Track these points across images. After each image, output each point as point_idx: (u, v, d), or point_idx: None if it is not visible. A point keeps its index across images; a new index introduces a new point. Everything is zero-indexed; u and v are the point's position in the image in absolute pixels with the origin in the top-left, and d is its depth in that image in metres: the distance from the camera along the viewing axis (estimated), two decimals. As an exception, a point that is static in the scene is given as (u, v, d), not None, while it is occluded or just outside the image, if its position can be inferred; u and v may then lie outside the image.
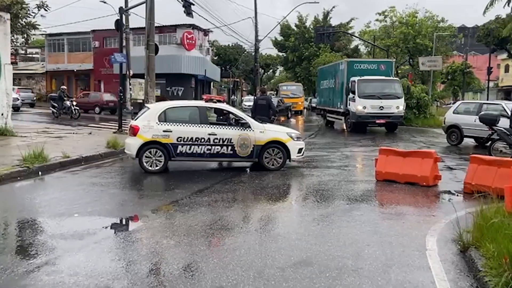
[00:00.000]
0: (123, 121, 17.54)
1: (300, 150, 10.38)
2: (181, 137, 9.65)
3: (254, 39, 34.57)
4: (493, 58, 64.98)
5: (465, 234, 4.94)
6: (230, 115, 10.65)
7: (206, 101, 10.36)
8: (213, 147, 9.81)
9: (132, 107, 19.75)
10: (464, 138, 15.29)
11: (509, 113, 13.57)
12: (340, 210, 6.63)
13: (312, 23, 53.33)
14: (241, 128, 10.00)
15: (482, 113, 12.61)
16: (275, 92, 44.08)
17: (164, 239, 5.26)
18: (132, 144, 9.71)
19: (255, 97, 14.32)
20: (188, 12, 21.51)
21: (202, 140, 9.74)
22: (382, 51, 37.93)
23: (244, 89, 70.95)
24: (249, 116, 10.61)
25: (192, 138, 9.69)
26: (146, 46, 17.61)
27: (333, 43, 43.29)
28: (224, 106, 10.82)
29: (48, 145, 11.12)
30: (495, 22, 39.21)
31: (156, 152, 9.61)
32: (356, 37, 40.45)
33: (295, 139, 10.33)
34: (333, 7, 53.36)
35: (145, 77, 17.05)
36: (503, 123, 11.64)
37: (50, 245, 4.99)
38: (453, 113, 15.53)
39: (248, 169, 10.42)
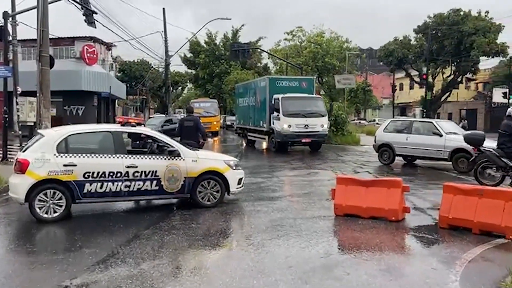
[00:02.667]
0: (8, 147, 14.29)
1: (240, 181, 8.69)
2: (89, 172, 7.39)
3: (164, 54, 32.30)
4: (389, 78, 70.32)
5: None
6: (152, 140, 8.59)
7: (122, 124, 8.21)
8: (133, 182, 7.70)
9: (20, 131, 16.35)
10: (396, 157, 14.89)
11: (440, 131, 13.43)
12: (318, 268, 5.05)
13: (222, 41, 52.57)
14: (169, 157, 8.02)
15: (467, 133, 11.41)
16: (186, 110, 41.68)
17: None
18: (19, 185, 7.18)
19: (181, 118, 12.33)
20: (90, 22, 18.80)
21: (119, 174, 7.58)
22: (293, 69, 38.18)
23: (151, 107, 67.47)
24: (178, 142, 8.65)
25: (104, 172, 7.48)
26: (38, 58, 14.65)
27: (245, 61, 42.68)
28: (146, 130, 8.74)
29: None
30: (394, 43, 41.84)
31: (55, 193, 7.22)
32: (272, 54, 40.22)
33: (234, 167, 8.62)
34: (242, 25, 53.28)
35: (38, 94, 14.05)
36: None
37: None
38: (384, 131, 15.10)
39: (175, 207, 8.42)
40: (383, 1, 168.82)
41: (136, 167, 7.68)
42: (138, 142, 9.46)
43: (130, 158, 7.71)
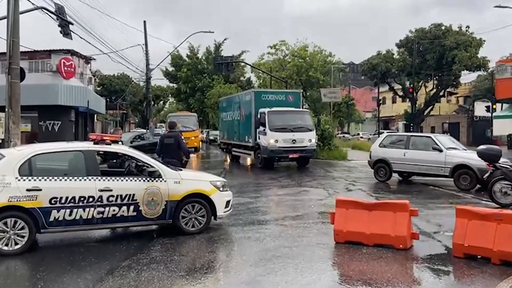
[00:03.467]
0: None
1: (227, 204, 7.85)
2: (56, 198, 6.48)
3: (145, 68, 31.37)
4: (371, 92, 70.74)
5: None
6: (130, 159, 7.71)
7: (96, 142, 7.32)
8: (107, 208, 6.80)
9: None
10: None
11: (440, 146, 12.85)
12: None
13: (204, 54, 52.02)
14: (148, 178, 7.15)
15: (482, 147, 10.33)
16: (164, 124, 40.26)
17: None
18: (-27, 213, 6.21)
19: (162, 134, 11.47)
20: (66, 33, 17.88)
21: (91, 199, 6.68)
22: (277, 83, 37.74)
23: (132, 121, 66.08)
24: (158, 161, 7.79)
25: (74, 197, 6.58)
26: (8, 71, 13.70)
27: (228, 74, 42.14)
28: (121, 148, 7.87)
29: None
30: (377, 57, 41.88)
31: (16, 222, 6.28)
32: (255, 68, 39.75)
33: (221, 188, 7.78)
34: (225, 39, 52.68)
35: (6, 109, 13.05)
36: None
37: None
38: (379, 146, 14.42)
39: (155, 235, 7.50)
40: (361, 17, 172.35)
41: (111, 190, 6.79)
42: (115, 161, 8.56)
43: (103, 180, 6.82)
